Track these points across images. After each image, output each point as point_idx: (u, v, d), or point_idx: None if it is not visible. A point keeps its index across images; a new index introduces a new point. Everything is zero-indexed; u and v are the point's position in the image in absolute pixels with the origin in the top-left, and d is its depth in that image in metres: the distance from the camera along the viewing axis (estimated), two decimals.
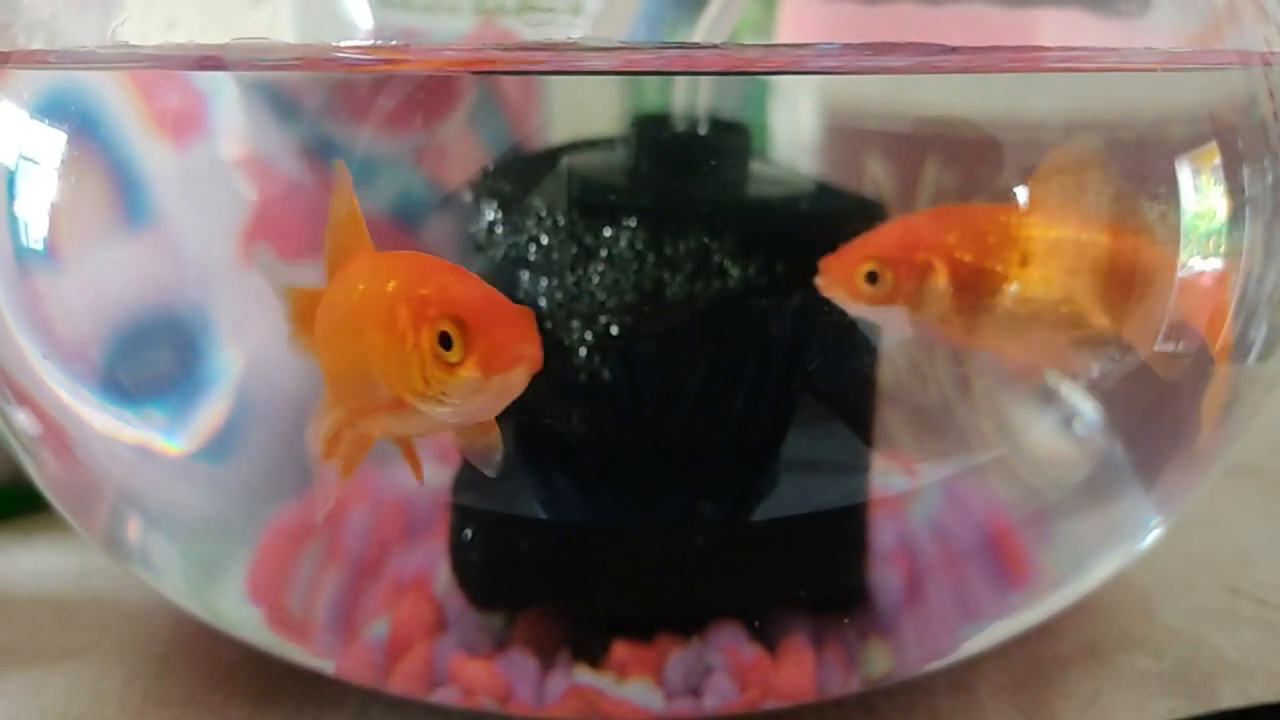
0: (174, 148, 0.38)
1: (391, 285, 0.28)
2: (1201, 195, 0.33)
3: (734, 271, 0.37)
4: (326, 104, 0.42)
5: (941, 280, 0.33)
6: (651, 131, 0.41)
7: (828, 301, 0.37)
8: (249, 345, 0.38)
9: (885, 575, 0.40)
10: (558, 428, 0.38)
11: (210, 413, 0.38)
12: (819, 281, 0.34)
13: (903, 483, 0.42)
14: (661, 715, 0.36)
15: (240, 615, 0.40)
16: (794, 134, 0.50)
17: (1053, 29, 0.43)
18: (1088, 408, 0.39)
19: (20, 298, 0.36)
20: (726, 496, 0.39)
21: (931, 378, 0.41)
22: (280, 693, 0.39)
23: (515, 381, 0.27)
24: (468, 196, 0.40)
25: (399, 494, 0.44)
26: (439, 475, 0.43)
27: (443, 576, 0.40)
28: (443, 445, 0.43)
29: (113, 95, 0.37)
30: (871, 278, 0.34)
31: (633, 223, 0.37)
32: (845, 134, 0.50)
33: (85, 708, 0.38)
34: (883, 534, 0.41)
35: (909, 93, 0.42)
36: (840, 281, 0.34)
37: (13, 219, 0.34)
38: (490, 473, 0.30)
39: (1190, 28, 0.38)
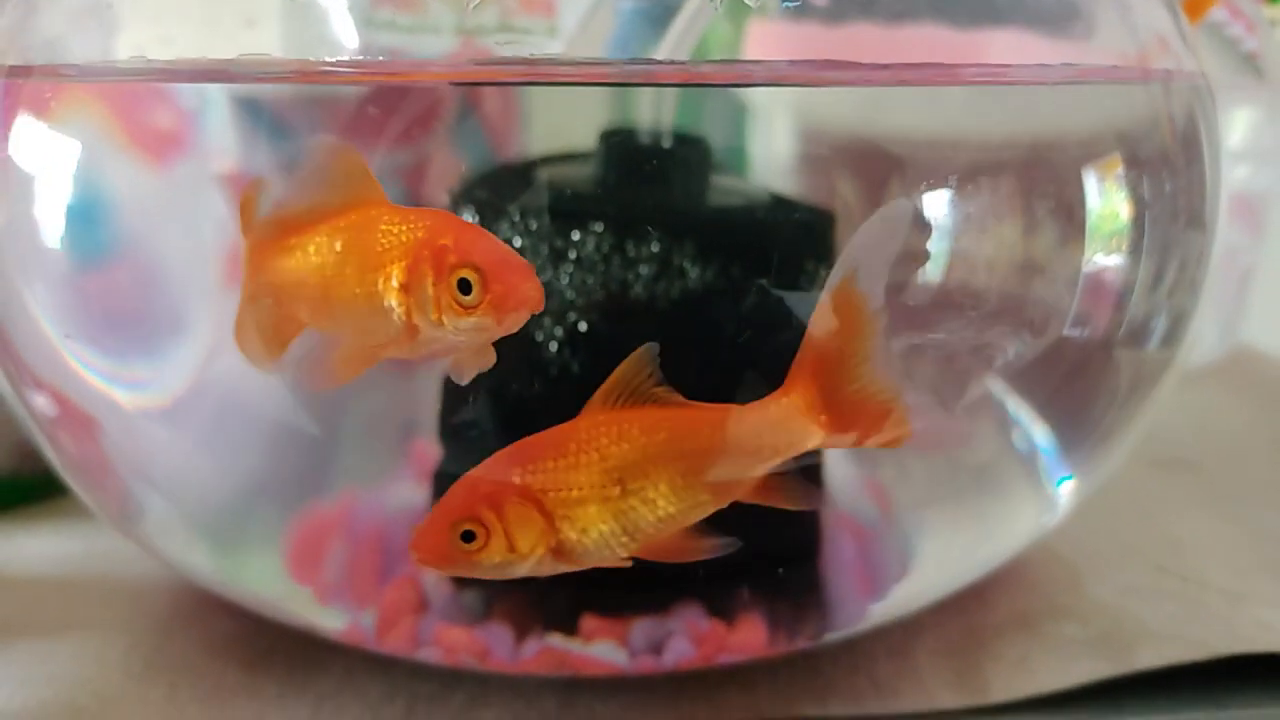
0: (168, 158, 0.41)
1: (415, 234, 0.31)
2: (1105, 200, 0.36)
3: (693, 274, 0.40)
4: (313, 121, 0.44)
5: None
6: (617, 144, 0.45)
7: (773, 299, 0.41)
8: None
9: (827, 537, 0.43)
10: (530, 417, 0.41)
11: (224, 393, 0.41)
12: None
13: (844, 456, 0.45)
14: (626, 669, 0.39)
15: (267, 578, 0.43)
16: (769, 154, 0.54)
17: (1003, 49, 0.46)
18: (1005, 385, 0.41)
19: (42, 285, 0.39)
20: None
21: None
22: (271, 658, 0.42)
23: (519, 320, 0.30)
24: (446, 204, 0.43)
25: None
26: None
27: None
28: (422, 462, 0.46)
29: (113, 110, 0.40)
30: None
31: (599, 228, 0.40)
32: (816, 153, 0.53)
33: (91, 673, 0.41)
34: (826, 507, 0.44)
35: (878, 113, 0.45)
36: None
37: (32, 218, 0.38)
38: (460, 382, 0.32)
39: (1130, 49, 0.41)
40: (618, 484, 0.32)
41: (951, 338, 0.38)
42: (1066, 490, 0.44)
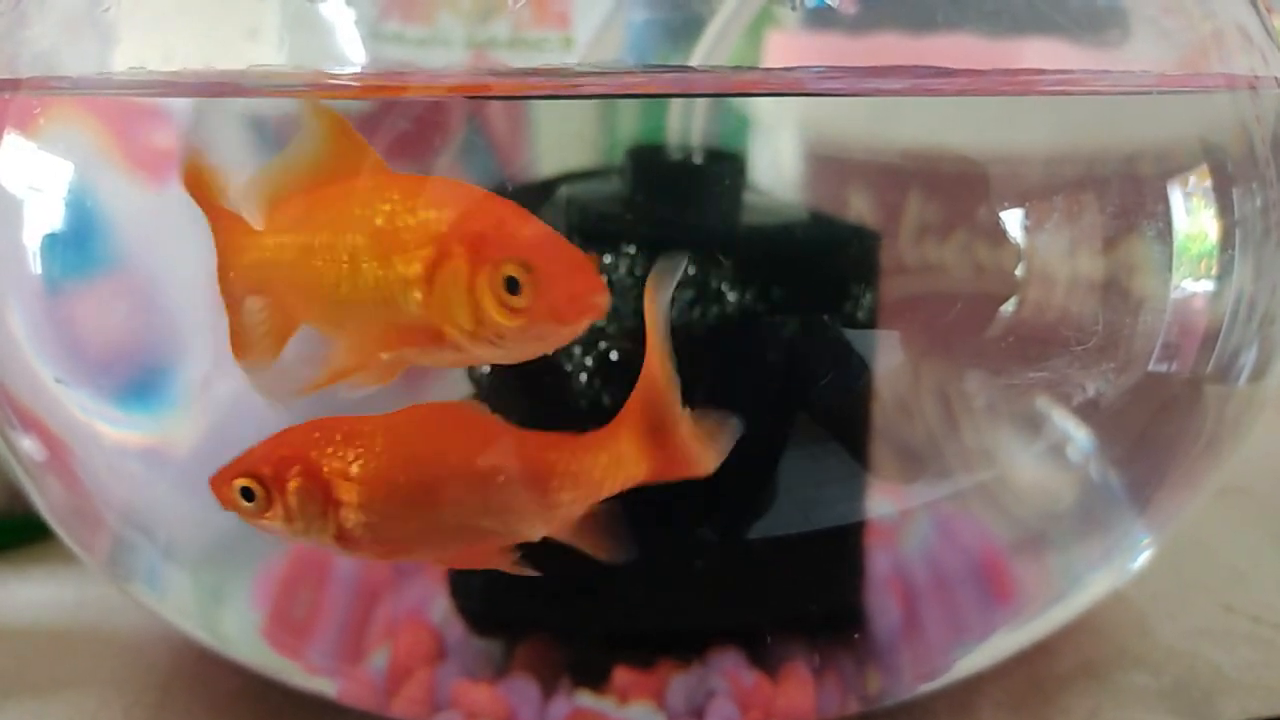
0: (166, 179, 0.39)
1: (435, 214, 0.26)
2: (1193, 218, 0.34)
3: (731, 297, 0.37)
4: None
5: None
6: (648, 160, 0.42)
7: (824, 326, 0.38)
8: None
9: (880, 598, 0.41)
10: None
11: (217, 431, 0.38)
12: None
13: (896, 506, 0.42)
14: None
15: (246, 637, 0.40)
16: (775, 167, 0.51)
17: (1036, 59, 0.44)
18: (1079, 431, 0.39)
19: (34, 322, 0.36)
20: (725, 520, 0.39)
21: (924, 403, 0.42)
22: (280, 718, 0.39)
23: (580, 330, 0.26)
24: None
25: None
26: None
27: (441, 605, 0.41)
28: None
29: (108, 128, 0.37)
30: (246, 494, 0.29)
31: (631, 250, 0.37)
32: (826, 167, 0.50)
33: None
34: (877, 557, 0.41)
35: (890, 126, 0.43)
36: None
37: (22, 247, 0.35)
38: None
39: (1169, 58, 0.39)
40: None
41: (1024, 377, 0.35)
42: (1145, 551, 0.42)
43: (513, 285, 0.25)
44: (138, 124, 0.39)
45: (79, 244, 0.36)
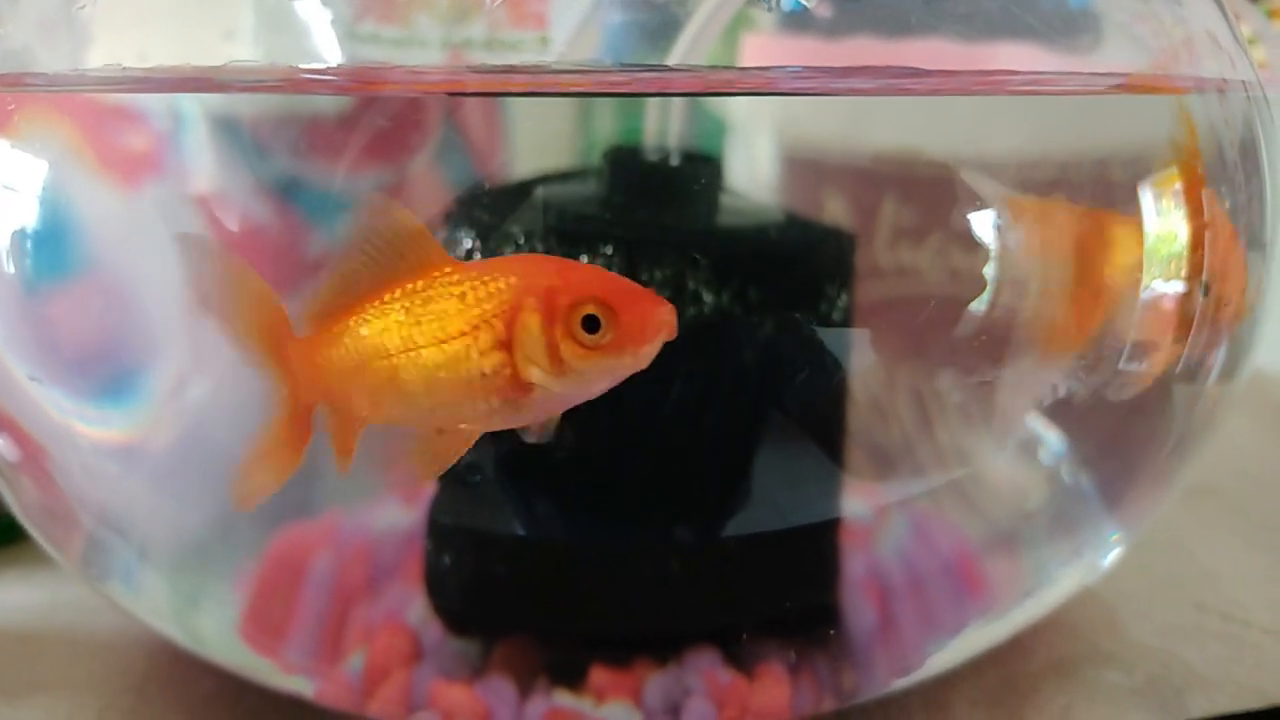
0: (138, 181, 0.39)
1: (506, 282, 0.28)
2: (1163, 219, 0.34)
3: (708, 298, 0.38)
4: (290, 141, 0.42)
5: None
6: (624, 162, 0.42)
7: (799, 326, 0.38)
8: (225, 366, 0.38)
9: (855, 595, 0.41)
10: (534, 452, 0.38)
11: (191, 431, 0.38)
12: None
13: (871, 504, 0.43)
14: None
15: (222, 637, 0.40)
16: (751, 169, 0.51)
17: (1010, 63, 0.44)
18: (1048, 430, 0.40)
19: (8, 321, 0.36)
20: (702, 519, 0.39)
21: (898, 403, 0.42)
22: None
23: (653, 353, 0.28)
24: (445, 225, 0.41)
25: (374, 532, 0.44)
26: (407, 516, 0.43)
27: (418, 607, 0.40)
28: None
29: (81, 129, 0.37)
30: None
31: (609, 250, 0.37)
32: (802, 170, 0.50)
33: None
34: (852, 555, 0.41)
35: (865, 129, 0.43)
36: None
37: None
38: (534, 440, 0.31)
39: (1139, 62, 0.39)
40: None
41: (995, 376, 0.36)
42: (1114, 550, 0.42)
43: (590, 324, 0.28)
44: (111, 126, 0.39)
45: (54, 244, 0.36)
